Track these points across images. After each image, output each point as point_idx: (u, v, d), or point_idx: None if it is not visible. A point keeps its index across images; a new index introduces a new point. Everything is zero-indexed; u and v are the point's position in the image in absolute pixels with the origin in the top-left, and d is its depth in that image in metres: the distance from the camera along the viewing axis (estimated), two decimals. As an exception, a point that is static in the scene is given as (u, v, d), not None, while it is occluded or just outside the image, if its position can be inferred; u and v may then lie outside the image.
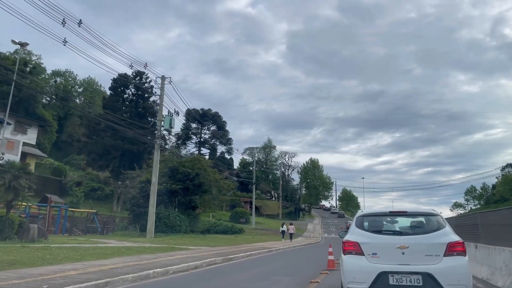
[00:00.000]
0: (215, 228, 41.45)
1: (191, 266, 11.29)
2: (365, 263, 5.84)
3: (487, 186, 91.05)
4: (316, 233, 58.79)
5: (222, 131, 58.81)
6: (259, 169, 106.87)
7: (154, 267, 9.98)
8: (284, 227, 35.08)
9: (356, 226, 6.41)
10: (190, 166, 28.84)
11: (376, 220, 6.55)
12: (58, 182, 45.75)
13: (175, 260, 12.04)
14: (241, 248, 20.10)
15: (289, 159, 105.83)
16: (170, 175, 28.07)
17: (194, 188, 28.64)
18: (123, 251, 14.03)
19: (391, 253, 5.74)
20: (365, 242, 5.99)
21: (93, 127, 43.83)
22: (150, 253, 14.03)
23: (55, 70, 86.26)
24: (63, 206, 28.12)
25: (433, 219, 6.26)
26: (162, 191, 26.44)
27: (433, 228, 6.06)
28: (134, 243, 19.50)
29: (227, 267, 12.35)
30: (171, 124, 24.18)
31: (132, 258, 12.02)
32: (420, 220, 6.44)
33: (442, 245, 5.66)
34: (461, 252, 5.66)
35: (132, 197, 27.25)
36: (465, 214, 43.97)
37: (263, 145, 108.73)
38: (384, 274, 5.64)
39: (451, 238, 5.76)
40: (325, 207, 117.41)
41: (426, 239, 5.84)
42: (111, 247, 15.90)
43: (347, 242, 6.18)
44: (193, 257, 13.44)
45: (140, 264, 10.57)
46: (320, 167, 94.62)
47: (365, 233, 6.21)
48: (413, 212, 6.62)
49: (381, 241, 5.97)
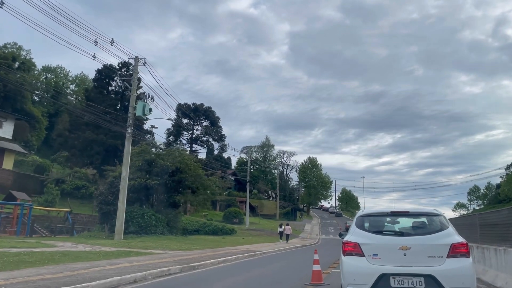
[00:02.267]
0: (204, 229, 38.87)
1: (125, 280, 8.51)
2: (366, 265, 5.64)
3: (492, 186, 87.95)
4: (314, 234, 56.34)
5: (215, 127, 55.75)
6: (256, 169, 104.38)
7: (63, 284, 7.20)
8: (282, 227, 33.87)
9: (356, 226, 6.19)
10: (169, 159, 25.87)
11: (377, 220, 6.32)
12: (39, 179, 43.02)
13: (114, 271, 9.28)
14: (218, 252, 17.33)
15: (288, 158, 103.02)
16: (147, 170, 25.17)
17: (174, 185, 25.75)
18: (57, 258, 11.23)
19: (393, 254, 5.55)
20: (365, 243, 5.79)
21: (74, 121, 41.02)
22: (91, 260, 11.24)
23: (46, 66, 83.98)
24: (26, 204, 25.33)
25: (435, 219, 6.04)
26: (136, 187, 23.63)
27: (436, 229, 5.86)
28: (92, 246, 16.73)
29: (177, 281, 9.58)
30: (144, 111, 21.36)
31: (54, 268, 9.24)
32: (423, 220, 6.22)
33: (445, 246, 5.48)
34: (464, 253, 5.47)
35: (100, 194, 24.34)
36: (471, 214, 41.09)
37: (261, 144, 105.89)
38: (385, 276, 5.45)
39: (455, 239, 5.59)
40: (324, 208, 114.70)
41: (428, 240, 5.65)
42: (52, 252, 13.10)
43: (347, 243, 5.95)
44: (143, 266, 10.67)
45: (49, 278, 7.79)
46: (319, 166, 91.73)
47: (365, 233, 6.00)
48: (415, 212, 6.35)
49: (382, 242, 5.77)
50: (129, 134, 21.70)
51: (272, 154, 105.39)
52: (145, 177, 24.25)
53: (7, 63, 49.71)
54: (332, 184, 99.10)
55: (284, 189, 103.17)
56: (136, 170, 24.54)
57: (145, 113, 21.40)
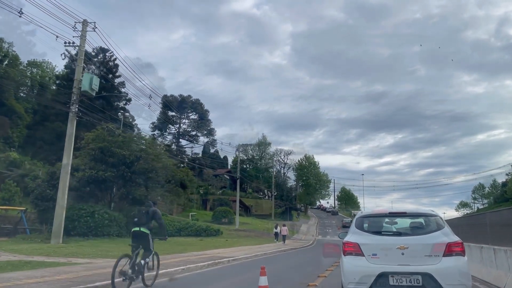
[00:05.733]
0: (186, 230, 35.17)
1: None
2: (365, 264, 5.71)
3: (498, 184, 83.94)
4: (310, 234, 52.69)
5: (204, 121, 51.59)
6: (253, 167, 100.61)
7: None
8: (278, 228, 33.17)
9: (356, 227, 6.23)
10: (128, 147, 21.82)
11: (376, 221, 6.41)
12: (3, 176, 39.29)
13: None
14: (171, 261, 13.51)
15: (285, 156, 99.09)
16: (102, 159, 21.23)
17: (134, 177, 21.80)
18: None
19: (391, 254, 5.62)
20: (365, 243, 5.84)
21: (43, 112, 37.31)
22: None
23: (31, 61, 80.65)
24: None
25: (432, 219, 6.13)
26: (87, 179, 19.82)
27: (433, 229, 5.92)
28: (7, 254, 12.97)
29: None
30: (92, 84, 17.56)
31: None
32: (420, 220, 6.32)
33: (442, 245, 5.55)
34: (460, 252, 5.55)
35: (36, 187, 20.40)
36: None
37: (258, 142, 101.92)
38: (384, 275, 5.51)
39: (450, 239, 5.67)
40: (323, 207, 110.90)
41: (425, 239, 5.72)
42: None
43: (347, 243, 6.01)
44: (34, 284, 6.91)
45: None
46: (316, 164, 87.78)
47: (365, 234, 6.07)
48: (413, 212, 6.47)
49: (381, 242, 5.81)
50: (73, 114, 17.93)
51: (269, 153, 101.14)
52: (99, 168, 20.36)
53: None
54: (331, 183, 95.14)
55: (282, 188, 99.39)
56: (91, 160, 20.70)
57: (92, 87, 17.58)
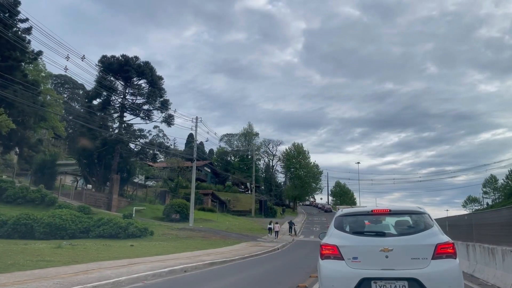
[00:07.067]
0: (98, 229, 24.49)
1: None
2: (345, 269, 5.14)
3: None
4: (289, 234, 41.94)
5: (155, 89, 40.36)
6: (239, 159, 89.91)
7: None
8: (272, 225, 37.36)
9: (335, 227, 5.71)
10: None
11: (357, 220, 5.83)
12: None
13: None
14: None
15: (274, 147, 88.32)
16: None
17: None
18: None
19: (374, 257, 5.06)
20: (344, 245, 5.29)
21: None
22: None
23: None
24: None
25: (419, 218, 5.57)
26: None
27: (420, 228, 5.41)
28: None
29: None
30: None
31: None
32: (405, 219, 5.79)
33: (430, 246, 5.02)
34: (451, 254, 5.02)
35: None
36: None
37: (243, 131, 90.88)
38: (366, 281, 4.98)
39: (440, 239, 5.13)
40: (314, 204, 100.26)
41: (411, 240, 5.18)
42: None
43: (325, 246, 5.43)
44: None
45: None
46: (306, 153, 76.99)
47: (345, 235, 5.51)
48: (397, 210, 5.83)
49: (362, 244, 5.25)
50: None
51: (255, 143, 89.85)
52: None
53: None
54: (323, 176, 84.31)
55: (270, 182, 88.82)
56: None
57: None
